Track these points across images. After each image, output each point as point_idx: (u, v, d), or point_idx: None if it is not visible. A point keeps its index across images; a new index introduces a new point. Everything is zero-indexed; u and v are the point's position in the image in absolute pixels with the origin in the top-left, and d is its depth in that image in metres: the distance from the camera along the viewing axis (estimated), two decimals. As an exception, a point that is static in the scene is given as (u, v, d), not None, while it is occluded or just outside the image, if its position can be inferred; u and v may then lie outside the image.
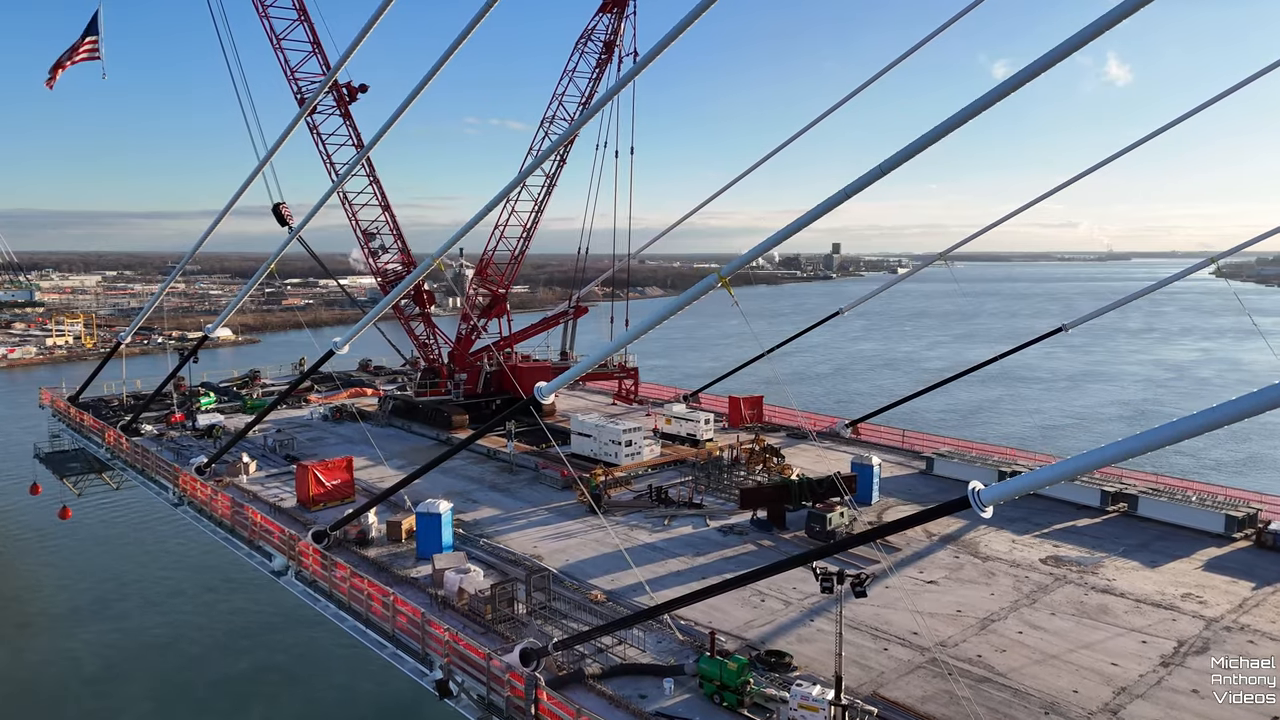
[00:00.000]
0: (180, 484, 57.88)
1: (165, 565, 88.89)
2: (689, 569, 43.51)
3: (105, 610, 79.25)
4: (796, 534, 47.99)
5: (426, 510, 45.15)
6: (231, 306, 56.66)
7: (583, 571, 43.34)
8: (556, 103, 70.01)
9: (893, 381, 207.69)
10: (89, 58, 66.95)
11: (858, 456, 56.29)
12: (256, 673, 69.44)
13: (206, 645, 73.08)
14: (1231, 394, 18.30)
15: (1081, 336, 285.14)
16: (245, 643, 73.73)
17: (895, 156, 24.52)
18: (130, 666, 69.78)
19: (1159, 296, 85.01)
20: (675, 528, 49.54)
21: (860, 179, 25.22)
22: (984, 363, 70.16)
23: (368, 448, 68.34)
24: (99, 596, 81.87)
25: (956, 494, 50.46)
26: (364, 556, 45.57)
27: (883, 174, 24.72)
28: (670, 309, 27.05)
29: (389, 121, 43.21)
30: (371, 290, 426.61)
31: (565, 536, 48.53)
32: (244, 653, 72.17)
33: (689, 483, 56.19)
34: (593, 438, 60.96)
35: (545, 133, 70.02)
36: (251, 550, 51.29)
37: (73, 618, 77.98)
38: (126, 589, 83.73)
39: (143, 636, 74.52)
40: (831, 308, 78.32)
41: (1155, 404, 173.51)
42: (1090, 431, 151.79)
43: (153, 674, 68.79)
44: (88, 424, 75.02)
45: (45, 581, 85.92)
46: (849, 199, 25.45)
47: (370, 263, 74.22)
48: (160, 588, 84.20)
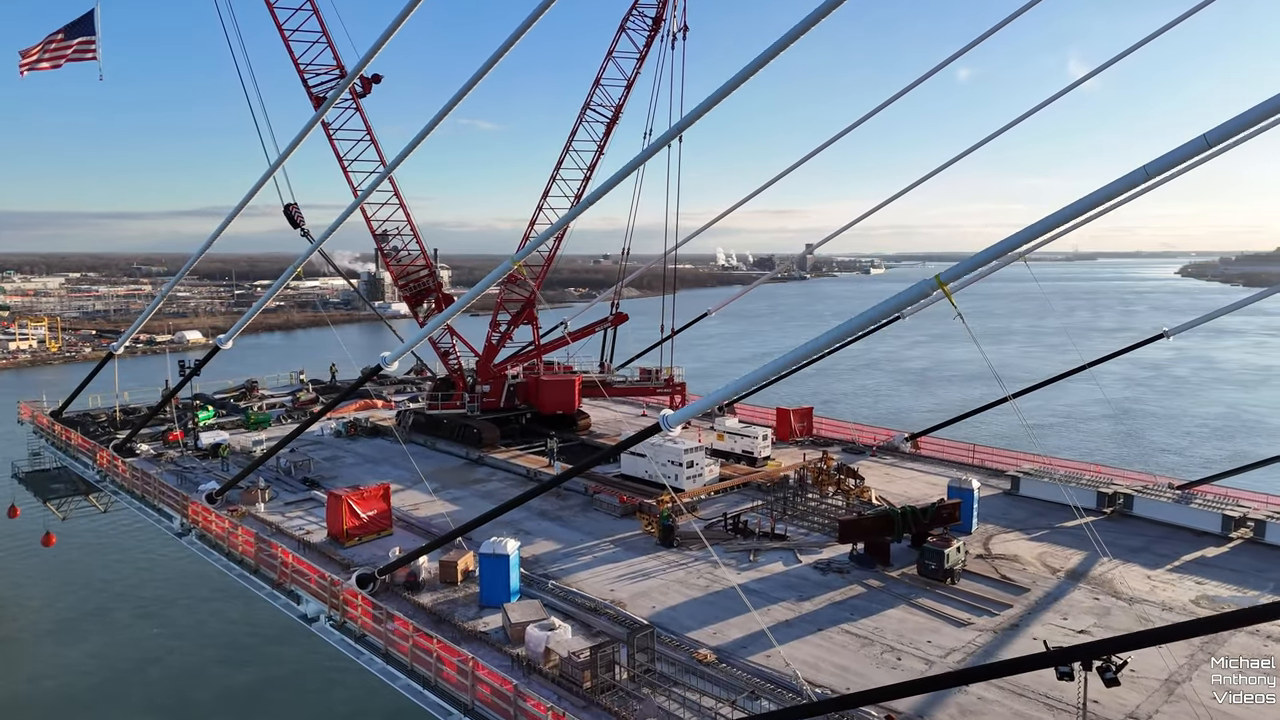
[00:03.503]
0: (190, 515, 51.40)
1: (157, 573, 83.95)
2: (797, 617, 37.89)
3: (95, 622, 74.84)
4: (904, 571, 42.52)
5: (492, 551, 39.13)
6: (246, 318, 50.17)
7: (675, 621, 37.61)
8: (598, 88, 64.18)
9: (875, 381, 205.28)
10: (80, 58, 60.69)
11: (955, 479, 50.92)
12: (260, 686, 65.70)
13: (204, 658, 69.19)
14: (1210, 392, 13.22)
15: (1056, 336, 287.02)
16: (244, 654, 69.41)
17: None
18: (124, 681, 66.00)
19: (1129, 295, 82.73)
20: (763, 564, 43.92)
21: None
22: (1077, 369, 65.40)
23: (391, 468, 62.54)
24: (90, 608, 77.40)
25: (1056, 518, 45.34)
26: (417, 604, 39.55)
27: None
28: (881, 312, 21.49)
29: (418, 138, 39.53)
30: (345, 292, 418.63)
31: (642, 576, 42.74)
32: (243, 665, 68.02)
33: (764, 509, 50.75)
34: (647, 457, 55.10)
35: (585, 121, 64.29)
36: (276, 592, 45.20)
37: (63, 631, 73.29)
38: (119, 599, 79.36)
39: (136, 649, 70.53)
40: (807, 307, 76.33)
41: (1136, 401, 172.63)
42: (1077, 430, 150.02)
43: (148, 688, 65.06)
44: (75, 443, 68.07)
45: (30, 596, 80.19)
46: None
47: (386, 265, 68.08)
48: (153, 596, 79.90)
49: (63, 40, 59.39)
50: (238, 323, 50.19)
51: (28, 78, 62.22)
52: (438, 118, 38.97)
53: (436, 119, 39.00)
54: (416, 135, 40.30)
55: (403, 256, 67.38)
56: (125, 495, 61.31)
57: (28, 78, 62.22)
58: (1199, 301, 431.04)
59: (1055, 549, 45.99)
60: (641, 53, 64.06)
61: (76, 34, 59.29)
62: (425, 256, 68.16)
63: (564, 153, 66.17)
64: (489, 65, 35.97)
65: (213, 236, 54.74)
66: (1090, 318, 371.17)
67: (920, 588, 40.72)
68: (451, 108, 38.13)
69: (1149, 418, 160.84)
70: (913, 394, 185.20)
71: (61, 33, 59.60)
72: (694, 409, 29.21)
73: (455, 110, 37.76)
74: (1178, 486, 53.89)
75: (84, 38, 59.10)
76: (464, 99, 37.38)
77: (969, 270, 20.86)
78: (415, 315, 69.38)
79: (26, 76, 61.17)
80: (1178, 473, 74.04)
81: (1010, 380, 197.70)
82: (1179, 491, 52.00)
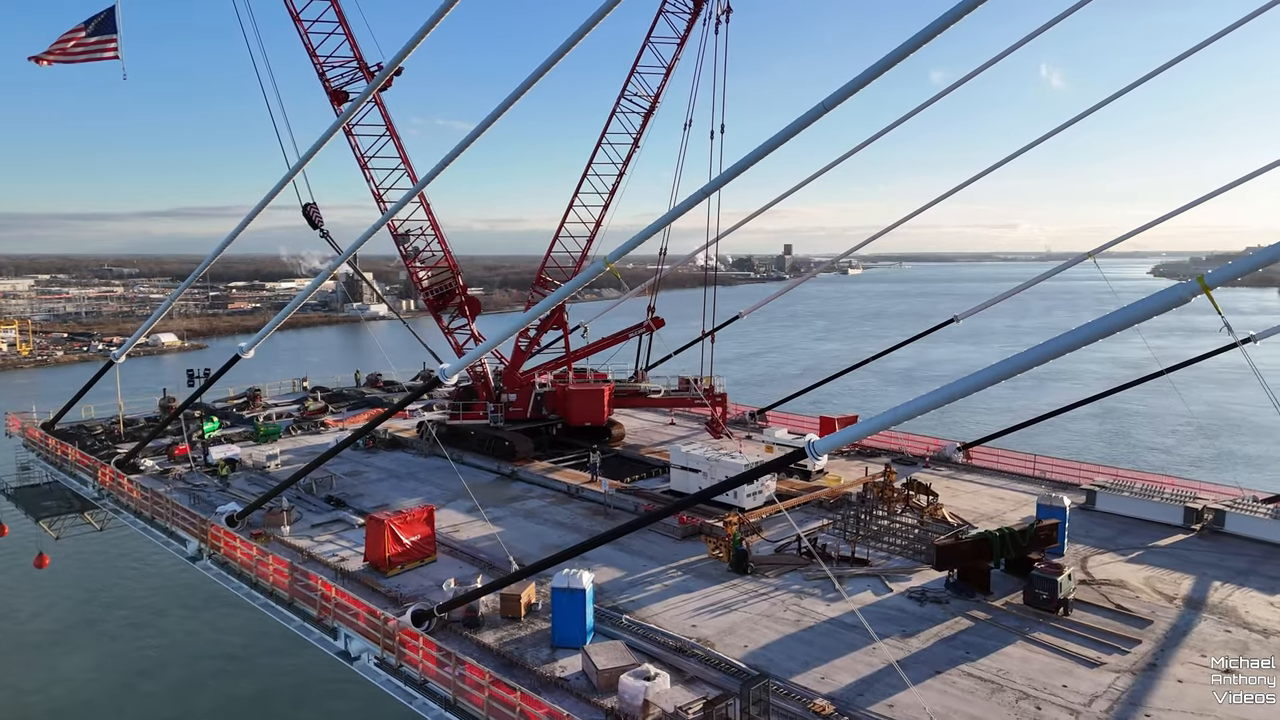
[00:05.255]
0: (211, 540, 46.97)
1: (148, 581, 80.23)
2: (908, 657, 34.14)
3: (84, 633, 71.98)
4: (1008, 600, 38.95)
5: (566, 585, 35.15)
6: (270, 327, 45.80)
7: (773, 663, 33.76)
8: (635, 75, 60.34)
9: (862, 382, 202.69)
10: (101, 57, 56.81)
11: (1043, 496, 47.38)
12: (259, 697, 63.16)
13: (200, 669, 66.43)
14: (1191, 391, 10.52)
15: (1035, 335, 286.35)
16: (241, 665, 66.62)
17: None
18: (117, 696, 63.42)
19: (1105, 295, 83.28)
20: (851, 594, 40.21)
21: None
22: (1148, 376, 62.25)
23: (419, 484, 58.58)
24: (78, 619, 74.36)
25: (1145, 535, 41.55)
26: (480, 644, 35.50)
27: None
28: (1130, 316, 17.85)
29: (450, 155, 36.21)
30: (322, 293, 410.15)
31: (723, 609, 38.89)
32: (242, 676, 65.31)
33: (833, 529, 47.15)
34: (702, 473, 51.27)
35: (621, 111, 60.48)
36: (310, 625, 41.06)
37: (50, 645, 70.33)
38: (109, 609, 76.56)
39: (128, 661, 67.99)
40: (788, 308, 72.41)
41: (1120, 400, 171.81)
42: (1066, 430, 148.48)
43: (141, 701, 62.54)
44: (72, 458, 63.25)
45: (16, 610, 76.31)
46: None
47: (408, 267, 63.87)
48: (145, 604, 76.99)
49: (84, 37, 55.69)
50: (260, 331, 45.98)
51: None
52: (471, 136, 35.60)
53: (470, 137, 35.61)
54: (448, 154, 36.94)
55: (426, 257, 63.21)
56: (128, 514, 56.79)
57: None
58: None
59: (1160, 572, 42.61)
60: (681, 37, 60.29)
61: (99, 31, 55.54)
62: (449, 257, 63.98)
63: (597, 147, 62.38)
64: (530, 82, 32.42)
65: (228, 239, 50.22)
66: (1068, 318, 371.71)
67: (1031, 620, 37.16)
68: (489, 125, 34.47)
69: (1133, 417, 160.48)
70: (899, 394, 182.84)
71: (83, 29, 55.95)
72: (843, 437, 25.41)
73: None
74: (1264, 500, 50.81)
75: (105, 35, 55.39)
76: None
77: (1241, 272, 17.27)
78: (438, 320, 65.04)
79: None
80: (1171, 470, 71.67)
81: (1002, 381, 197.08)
82: (1272, 507, 48.82)
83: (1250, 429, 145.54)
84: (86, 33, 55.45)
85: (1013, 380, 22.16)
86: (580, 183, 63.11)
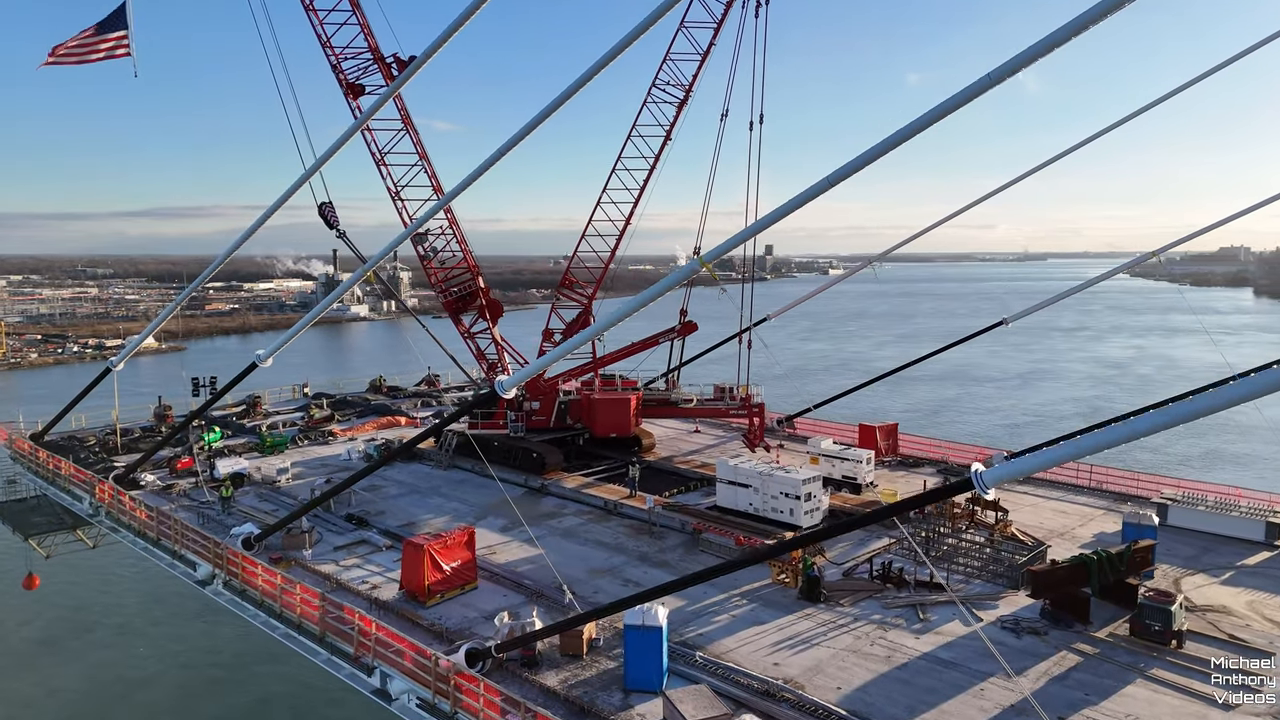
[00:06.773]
0: (228, 566, 43.02)
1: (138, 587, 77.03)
2: (1023, 700, 30.82)
3: (76, 643, 68.62)
4: (1111, 630, 35.77)
5: (641, 622, 31.59)
6: (291, 333, 41.97)
7: (874, 709, 30.35)
8: (667, 63, 56.88)
9: (849, 380, 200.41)
10: (113, 55, 53.34)
11: (1131, 514, 44.25)
12: (257, 706, 60.45)
13: (195, 677, 63.76)
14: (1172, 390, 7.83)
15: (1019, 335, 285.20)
16: (237, 674, 63.61)
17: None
18: (109, 709, 60.32)
19: (1085, 295, 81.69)
20: (938, 625, 36.90)
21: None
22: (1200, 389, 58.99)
23: (443, 499, 54.94)
24: (67, 629, 70.81)
25: (1229, 554, 38.70)
26: (542, 686, 31.89)
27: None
28: None
29: (478, 171, 33.35)
30: (300, 294, 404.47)
31: (802, 643, 35.43)
32: (238, 685, 62.43)
33: (900, 549, 43.90)
34: (754, 489, 47.79)
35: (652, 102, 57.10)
36: (341, 660, 37.30)
37: (40, 654, 67.06)
38: (102, 616, 73.16)
39: (120, 671, 64.83)
40: (770, 308, 71.37)
41: (1106, 400, 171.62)
42: (1053, 429, 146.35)
43: (134, 713, 59.73)
44: (67, 473, 58.93)
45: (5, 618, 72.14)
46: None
47: (425, 268, 60.12)
48: (136, 612, 73.75)
49: (93, 36, 52.18)
50: (280, 339, 42.17)
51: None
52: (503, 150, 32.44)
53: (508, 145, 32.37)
54: (476, 169, 33.55)
55: (445, 258, 59.45)
56: (127, 533, 52.65)
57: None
58: (1152, 301, 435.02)
59: (1261, 595, 39.65)
60: (718, 22, 56.87)
61: (108, 29, 52.03)
62: (469, 257, 60.21)
63: (626, 140, 58.93)
64: (564, 98, 30.27)
65: (242, 238, 46.50)
66: (1049, 317, 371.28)
67: (1141, 653, 33.99)
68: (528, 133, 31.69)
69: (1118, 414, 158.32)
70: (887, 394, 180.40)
71: (93, 29, 52.49)
72: (1016, 468, 21.97)
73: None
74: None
75: (117, 33, 51.83)
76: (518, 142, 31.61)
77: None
78: (457, 324, 61.24)
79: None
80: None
81: (970, 380, 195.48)
82: (1360, 522, 45.96)
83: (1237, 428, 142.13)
84: (96, 32, 52.32)
85: (999, 382, 18.88)
86: (609, 178, 59.75)
